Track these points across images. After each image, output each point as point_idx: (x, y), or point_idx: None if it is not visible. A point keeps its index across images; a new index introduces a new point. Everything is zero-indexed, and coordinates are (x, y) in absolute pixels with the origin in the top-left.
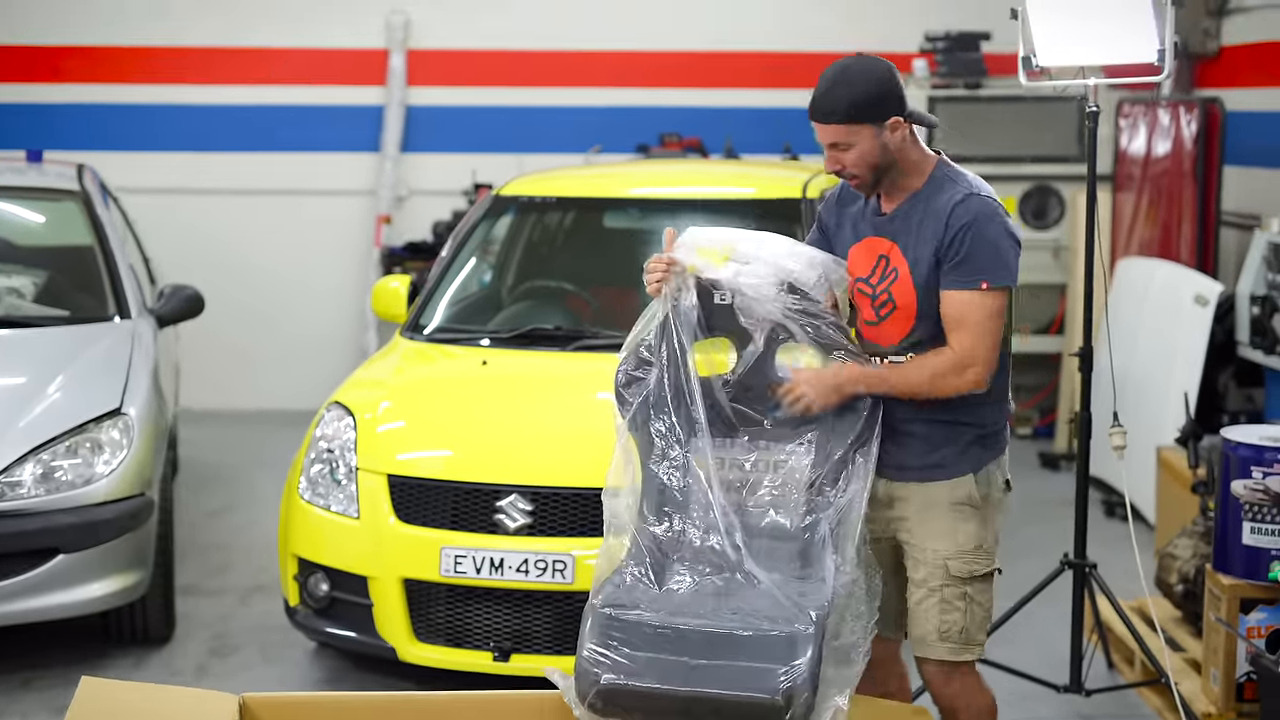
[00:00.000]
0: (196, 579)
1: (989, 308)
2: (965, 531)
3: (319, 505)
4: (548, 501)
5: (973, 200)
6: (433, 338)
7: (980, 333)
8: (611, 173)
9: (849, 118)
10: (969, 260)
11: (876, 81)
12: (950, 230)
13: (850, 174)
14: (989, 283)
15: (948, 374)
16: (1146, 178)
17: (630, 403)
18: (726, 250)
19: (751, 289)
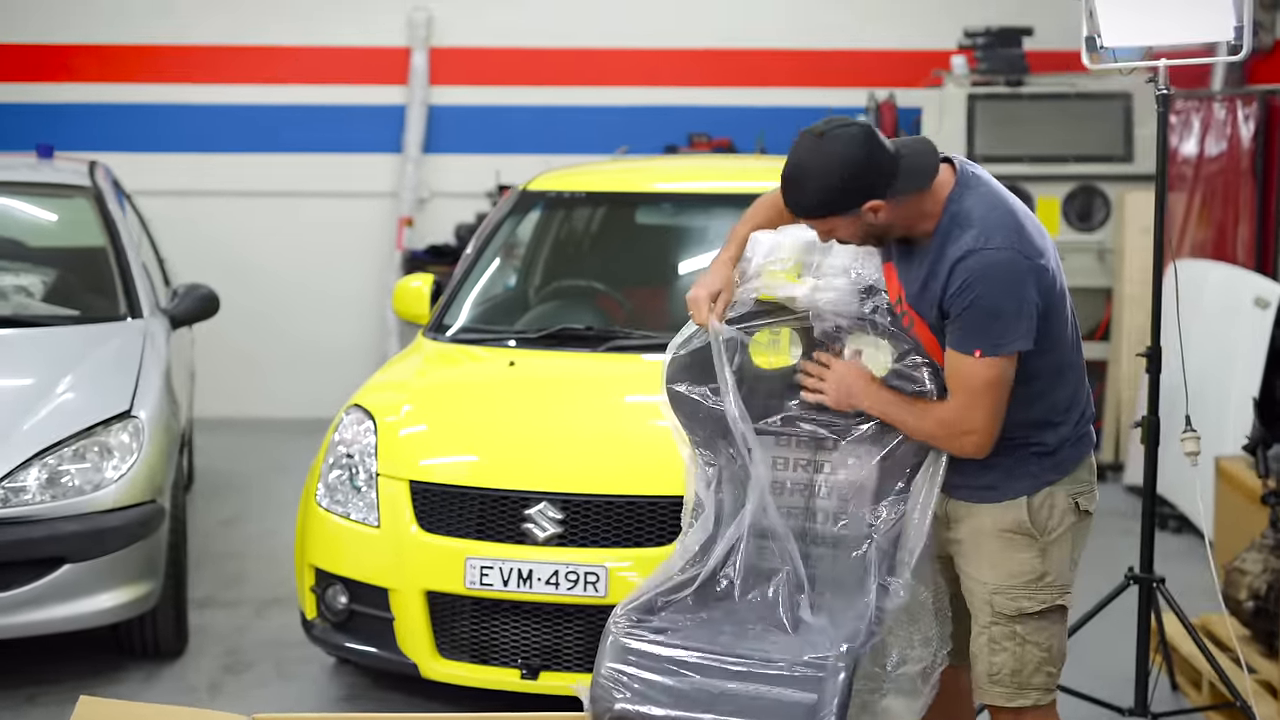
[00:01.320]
0: (211, 590)
1: (985, 377)
2: (1016, 562)
3: (337, 513)
4: (579, 510)
5: (975, 258)
6: (457, 338)
7: (974, 402)
8: (642, 167)
9: (819, 211)
10: (964, 325)
11: (839, 171)
12: (949, 289)
13: (844, 241)
14: (983, 351)
15: (940, 435)
16: (1200, 177)
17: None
18: (796, 266)
19: (832, 304)
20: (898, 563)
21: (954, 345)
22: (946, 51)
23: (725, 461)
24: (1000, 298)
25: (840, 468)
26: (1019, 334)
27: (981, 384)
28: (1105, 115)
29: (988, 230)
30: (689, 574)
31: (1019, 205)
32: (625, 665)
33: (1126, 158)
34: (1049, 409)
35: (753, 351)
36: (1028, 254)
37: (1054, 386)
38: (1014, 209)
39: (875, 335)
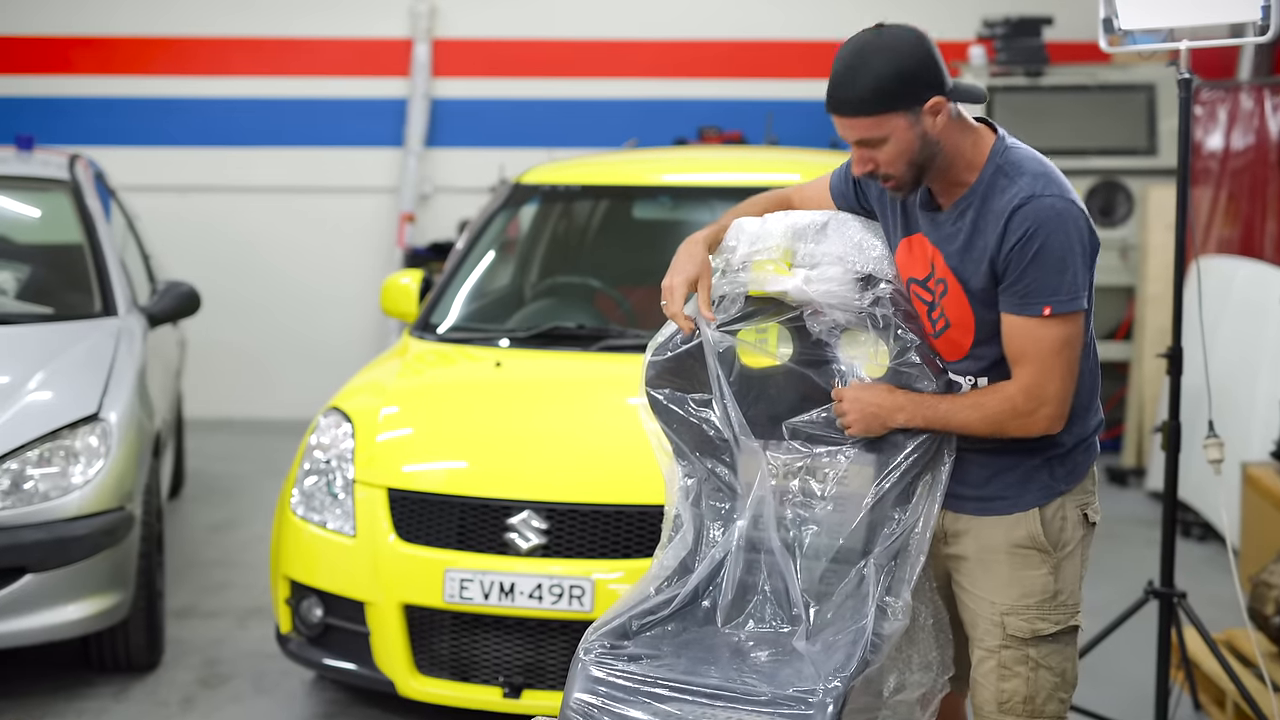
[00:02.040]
0: (192, 599)
1: (1057, 337)
2: (1029, 580)
3: (313, 522)
4: (564, 520)
5: (1035, 204)
6: (445, 337)
7: (1047, 368)
8: (642, 159)
9: (877, 106)
10: (1029, 281)
11: (907, 55)
12: (1007, 242)
13: (885, 175)
14: (1054, 308)
15: (1011, 417)
16: (1226, 171)
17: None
18: (785, 254)
19: (826, 296)
20: (897, 580)
21: (1016, 308)
22: (964, 42)
23: (707, 474)
24: (1067, 246)
25: (837, 476)
26: (1085, 289)
27: (1053, 346)
28: (1128, 107)
29: (1042, 178)
30: (666, 594)
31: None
32: (594, 696)
33: (1150, 151)
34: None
35: (739, 352)
36: (1081, 206)
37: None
38: (1055, 168)
39: (875, 331)
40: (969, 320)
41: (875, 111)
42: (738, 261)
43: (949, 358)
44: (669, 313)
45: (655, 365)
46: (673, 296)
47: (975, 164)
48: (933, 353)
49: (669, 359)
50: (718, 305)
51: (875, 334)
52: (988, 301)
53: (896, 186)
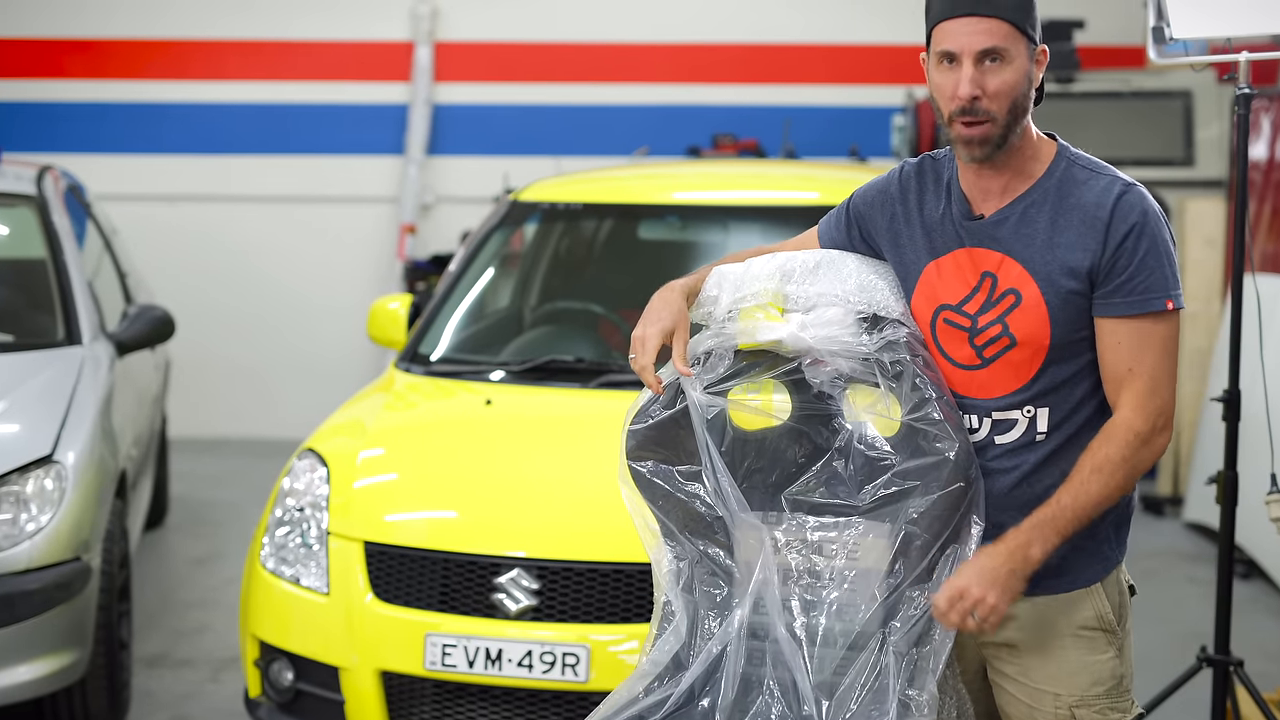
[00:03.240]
0: (165, 646)
1: (1170, 334)
2: (1097, 667)
3: (284, 577)
4: (558, 578)
5: (1135, 194)
6: (433, 370)
7: (1159, 372)
8: (649, 174)
9: (1018, 14)
10: (1148, 274)
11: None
12: (1113, 235)
13: (984, 111)
14: (1174, 301)
15: (1139, 450)
16: (1271, 183)
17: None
18: (776, 298)
19: (827, 342)
20: (920, 671)
21: (1131, 309)
22: None
23: (699, 556)
24: (1168, 239)
25: (848, 551)
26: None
27: (1166, 345)
28: (1163, 115)
29: (1120, 175)
30: (659, 695)
31: None
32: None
33: (1187, 161)
34: None
35: (731, 412)
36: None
37: None
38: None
39: (885, 380)
40: (1044, 335)
41: (1018, 20)
42: (722, 311)
43: (998, 392)
44: (637, 368)
45: (636, 434)
46: (643, 349)
47: (1041, 156)
48: (954, 408)
49: (650, 427)
50: (703, 362)
51: (886, 384)
52: (1067, 313)
53: (985, 136)
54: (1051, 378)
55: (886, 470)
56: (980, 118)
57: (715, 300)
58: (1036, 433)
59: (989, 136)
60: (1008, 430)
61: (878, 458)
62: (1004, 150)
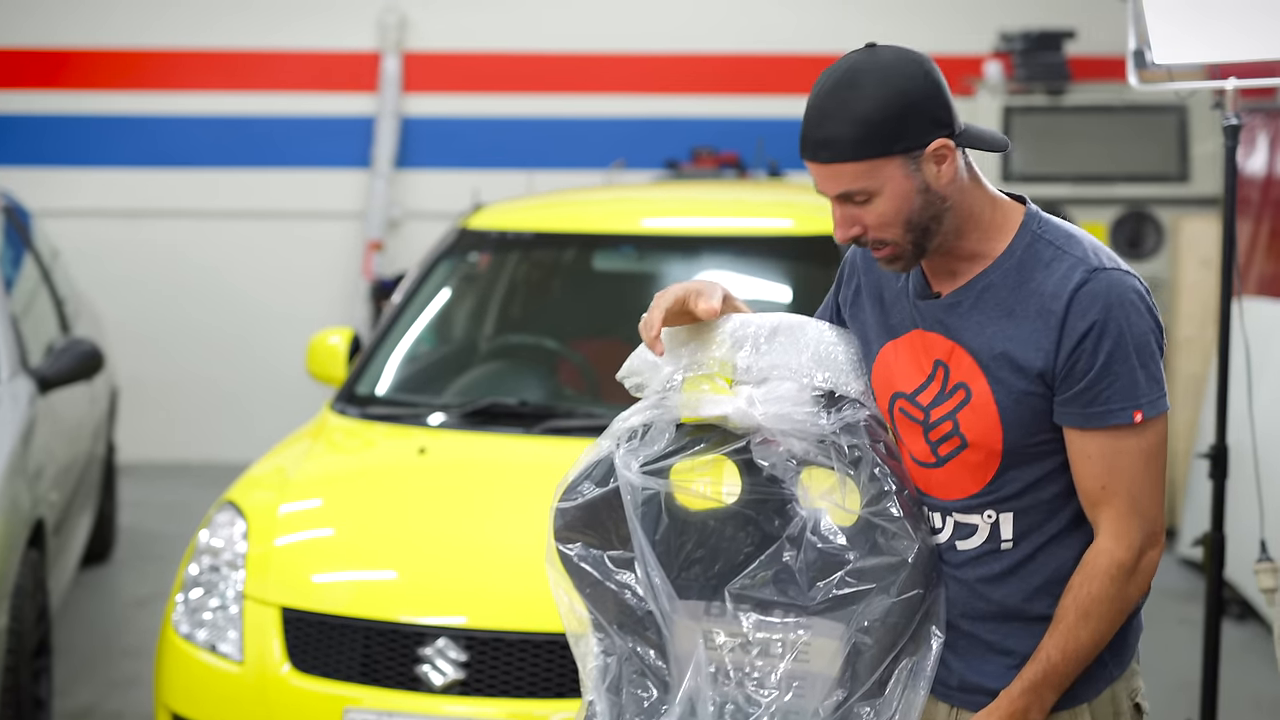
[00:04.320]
0: (94, 698)
1: (1149, 447)
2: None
3: (197, 642)
4: (487, 650)
5: (1102, 279)
6: (370, 413)
7: (1141, 490)
8: (610, 199)
9: (867, 147)
10: (1113, 380)
11: (906, 81)
12: (1070, 334)
13: (877, 241)
14: (1145, 411)
15: (1124, 583)
16: (1269, 201)
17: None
18: (724, 368)
19: (778, 420)
20: None
21: (1095, 420)
22: (980, 57)
23: (629, 653)
24: (1145, 331)
25: (795, 653)
26: (1163, 382)
27: (1146, 459)
28: (1157, 130)
29: (1094, 248)
30: None
31: None
32: None
33: (1181, 177)
34: None
35: (675, 489)
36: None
37: None
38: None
39: (841, 466)
40: (995, 438)
41: (865, 154)
42: (663, 381)
43: (956, 494)
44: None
45: (564, 514)
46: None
47: (1000, 229)
48: (916, 504)
49: (580, 506)
50: (641, 436)
51: (842, 470)
52: (1023, 415)
53: (893, 256)
54: (1014, 481)
55: (840, 567)
56: (875, 246)
57: (655, 367)
58: (1001, 540)
59: (898, 256)
60: (969, 535)
61: (832, 552)
62: (935, 251)
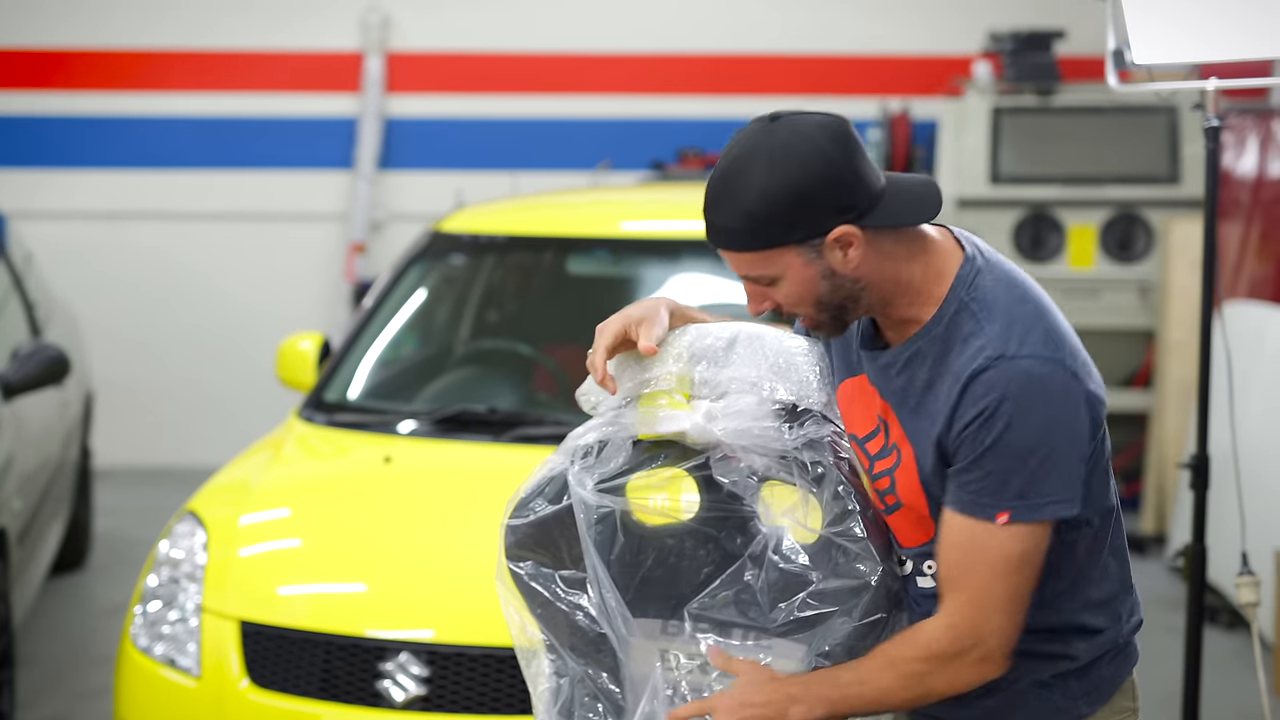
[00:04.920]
0: (61, 710)
1: (1010, 554)
2: None
3: (155, 656)
4: (450, 665)
5: (1004, 368)
6: (337, 420)
7: (989, 596)
8: (587, 203)
9: (754, 240)
10: (982, 475)
11: (799, 169)
12: (961, 416)
13: (792, 316)
14: (1013, 514)
15: (937, 665)
16: (1259, 203)
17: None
18: (681, 382)
19: (737, 436)
20: None
21: (961, 505)
22: (968, 57)
23: (581, 675)
24: (1042, 430)
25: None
26: (1064, 488)
27: (1003, 565)
28: (1147, 131)
29: (1019, 328)
30: None
31: (1049, 300)
32: None
33: (1172, 179)
34: (1082, 607)
35: (632, 507)
36: (1077, 370)
37: (1091, 575)
38: (1048, 302)
39: (803, 483)
40: (922, 505)
41: (756, 246)
42: (620, 399)
43: (906, 541)
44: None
45: (515, 530)
46: (602, 333)
47: (931, 295)
48: (883, 526)
49: (531, 524)
50: (597, 454)
51: (805, 486)
52: (942, 485)
53: (814, 325)
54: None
55: (803, 588)
56: (794, 318)
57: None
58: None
59: (818, 325)
60: (925, 574)
61: (794, 572)
62: (855, 317)
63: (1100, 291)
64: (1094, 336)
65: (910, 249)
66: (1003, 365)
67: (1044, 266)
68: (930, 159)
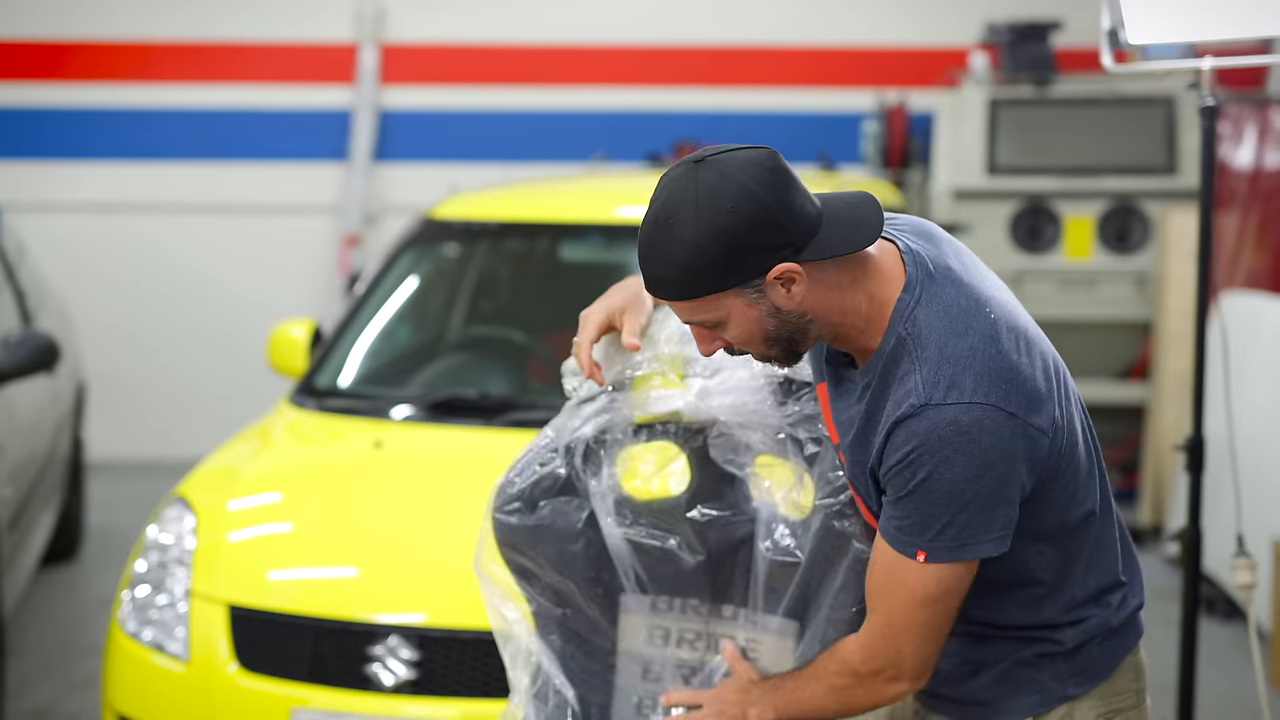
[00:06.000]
0: (52, 698)
1: (926, 589)
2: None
3: (143, 641)
4: (439, 648)
5: (925, 418)
6: (328, 405)
7: (903, 624)
8: (578, 191)
9: (690, 290)
10: (905, 513)
11: (720, 224)
12: (887, 457)
13: (744, 352)
14: (930, 555)
15: (853, 683)
16: (1256, 194)
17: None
18: (675, 363)
19: (732, 412)
20: None
21: (887, 535)
22: (964, 48)
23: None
24: (966, 479)
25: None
26: (988, 532)
27: (918, 598)
28: (1145, 122)
29: (948, 369)
30: None
31: (1003, 312)
32: None
33: (1169, 170)
34: (1065, 607)
35: (623, 480)
36: (1012, 408)
37: (1069, 577)
38: (995, 324)
39: (797, 459)
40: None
41: (695, 294)
42: (612, 381)
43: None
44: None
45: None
46: (584, 324)
47: (875, 326)
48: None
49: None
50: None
51: (798, 464)
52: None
53: (766, 360)
54: None
55: (795, 566)
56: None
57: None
58: None
59: (770, 359)
60: None
61: (788, 549)
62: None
63: (1097, 283)
64: (1091, 328)
65: (853, 275)
66: (927, 413)
67: (1041, 258)
68: (927, 150)
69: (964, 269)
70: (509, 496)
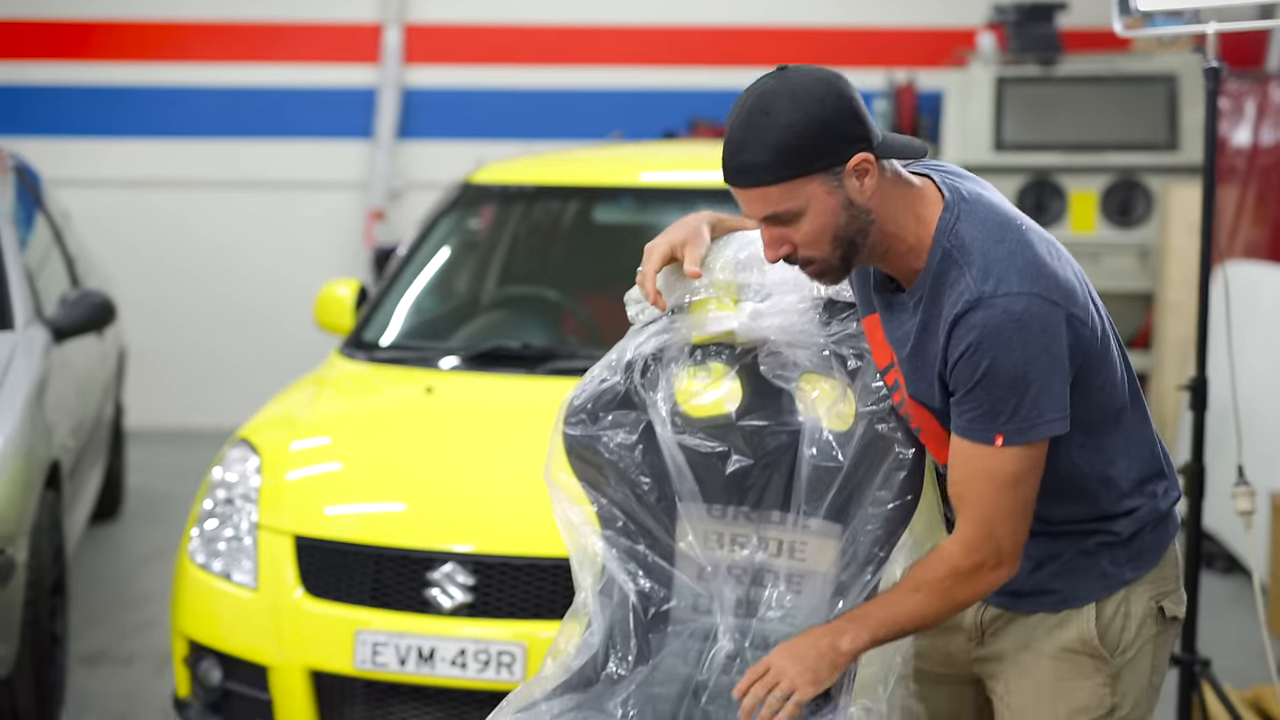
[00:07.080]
0: (107, 642)
1: (1010, 472)
2: (1080, 694)
3: (213, 571)
4: (494, 574)
5: (982, 311)
6: (377, 357)
7: (995, 510)
8: (608, 156)
9: (787, 168)
10: (975, 404)
11: (820, 100)
12: (951, 354)
13: (806, 260)
14: (1006, 438)
15: (957, 582)
16: (1255, 168)
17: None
18: (729, 289)
19: (781, 331)
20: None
21: (962, 431)
22: (972, 29)
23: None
24: (1025, 362)
25: (795, 551)
26: (1051, 411)
27: (1004, 482)
28: (1148, 99)
29: (995, 269)
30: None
31: (1031, 226)
32: None
33: (1171, 146)
34: (1115, 497)
35: (678, 396)
36: (1055, 297)
37: (1113, 467)
38: (1026, 234)
39: (840, 375)
40: (938, 431)
41: (786, 176)
42: (672, 305)
43: (939, 460)
44: (639, 276)
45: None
46: (649, 256)
47: (921, 244)
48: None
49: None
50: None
51: (843, 378)
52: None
53: (820, 272)
54: None
55: (839, 471)
56: (804, 264)
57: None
58: None
59: (826, 270)
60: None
61: (832, 456)
62: (859, 263)
63: (1101, 255)
64: None
65: (905, 195)
66: (981, 306)
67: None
68: (936, 128)
69: (992, 195)
70: (574, 409)
